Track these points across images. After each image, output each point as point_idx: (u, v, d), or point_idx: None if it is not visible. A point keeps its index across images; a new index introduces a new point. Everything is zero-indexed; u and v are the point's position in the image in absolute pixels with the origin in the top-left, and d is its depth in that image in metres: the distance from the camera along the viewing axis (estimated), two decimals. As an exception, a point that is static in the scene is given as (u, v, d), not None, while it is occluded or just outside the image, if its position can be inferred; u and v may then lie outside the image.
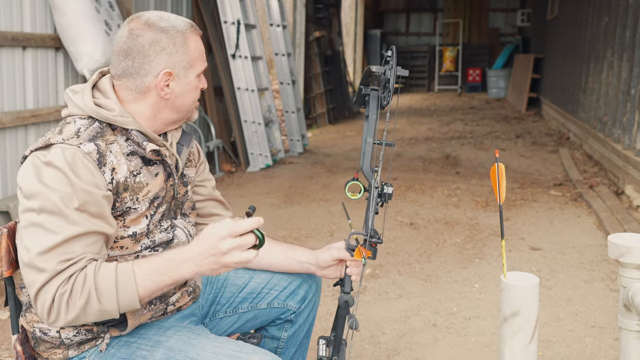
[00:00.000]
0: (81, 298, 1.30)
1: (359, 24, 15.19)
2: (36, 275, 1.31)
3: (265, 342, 1.79)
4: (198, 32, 1.52)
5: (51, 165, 1.33)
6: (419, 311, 3.02)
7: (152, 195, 1.47)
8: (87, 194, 1.33)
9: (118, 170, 1.40)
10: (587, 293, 3.20)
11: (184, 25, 1.49)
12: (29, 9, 3.98)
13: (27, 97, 3.99)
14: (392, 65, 1.47)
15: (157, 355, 1.41)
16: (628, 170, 5.06)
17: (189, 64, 1.48)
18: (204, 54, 1.54)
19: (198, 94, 1.55)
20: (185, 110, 1.54)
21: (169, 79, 1.46)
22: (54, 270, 1.30)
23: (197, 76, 1.52)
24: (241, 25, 6.50)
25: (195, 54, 1.49)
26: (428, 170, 6.50)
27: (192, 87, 1.51)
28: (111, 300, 1.31)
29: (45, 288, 1.30)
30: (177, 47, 1.46)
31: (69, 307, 1.30)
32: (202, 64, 1.52)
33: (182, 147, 1.59)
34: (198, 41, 1.51)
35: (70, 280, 1.31)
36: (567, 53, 8.90)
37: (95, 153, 1.37)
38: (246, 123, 6.69)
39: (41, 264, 1.30)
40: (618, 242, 1.48)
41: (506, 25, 17.28)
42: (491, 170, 1.49)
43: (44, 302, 1.31)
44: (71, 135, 1.37)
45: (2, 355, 2.62)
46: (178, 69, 1.47)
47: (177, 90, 1.49)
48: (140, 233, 1.46)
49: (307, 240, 4.16)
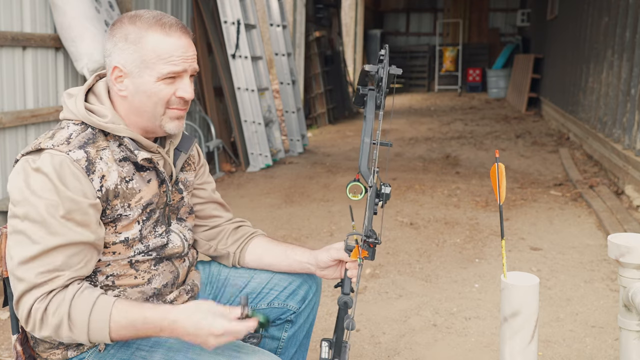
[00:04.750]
0: (53, 320, 1.31)
1: (359, 24, 15.19)
2: (16, 283, 1.33)
3: (265, 342, 1.79)
4: (170, 31, 1.41)
5: (39, 172, 1.33)
6: (419, 311, 3.02)
7: (145, 201, 1.47)
8: (73, 202, 1.33)
9: (108, 178, 1.39)
10: (587, 293, 3.20)
11: (149, 21, 1.40)
12: (29, 9, 3.98)
13: (27, 97, 3.99)
14: (385, 63, 1.46)
15: (157, 356, 1.40)
16: (628, 170, 5.06)
17: (143, 63, 1.40)
18: (176, 58, 1.41)
19: (161, 100, 1.42)
20: (149, 116, 1.43)
21: (121, 75, 1.42)
22: (32, 282, 1.31)
23: (160, 80, 1.40)
24: (241, 25, 6.50)
25: (150, 53, 1.39)
26: (428, 170, 6.49)
27: (148, 89, 1.41)
28: (82, 332, 1.32)
29: (24, 298, 1.32)
30: (128, 44, 1.40)
31: (42, 324, 1.32)
32: (164, 67, 1.40)
33: (179, 153, 1.57)
34: (163, 41, 1.39)
35: (48, 297, 1.32)
36: (567, 53, 8.90)
37: (84, 160, 1.36)
38: (246, 123, 6.69)
39: (20, 273, 1.31)
40: (618, 242, 1.48)
41: (506, 25, 17.28)
42: (491, 170, 1.49)
43: (22, 311, 1.33)
44: (62, 142, 1.37)
45: (2, 355, 2.62)
46: (130, 66, 1.41)
47: (132, 89, 1.42)
48: (133, 239, 1.46)
49: (307, 240, 4.16)
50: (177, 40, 1.41)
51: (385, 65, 1.45)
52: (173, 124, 1.46)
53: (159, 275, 1.52)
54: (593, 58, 7.08)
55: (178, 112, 1.46)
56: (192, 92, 1.45)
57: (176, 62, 1.41)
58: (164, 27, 1.41)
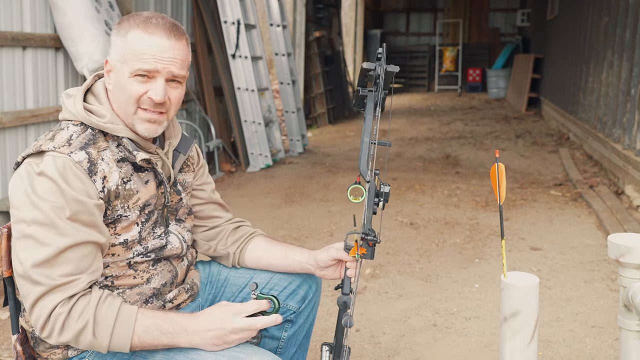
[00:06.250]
0: (77, 325, 1.30)
1: (359, 24, 15.19)
2: (31, 287, 1.30)
3: (265, 342, 1.79)
4: (155, 30, 1.40)
5: (43, 175, 1.32)
6: (419, 311, 3.02)
7: (142, 202, 1.46)
8: (79, 203, 1.32)
9: (109, 179, 1.39)
10: (587, 293, 3.20)
11: (140, 20, 1.42)
12: (29, 9, 3.98)
13: (27, 97, 3.99)
14: (383, 61, 1.47)
15: (157, 356, 1.40)
16: (628, 170, 5.06)
17: (123, 58, 1.41)
18: (149, 56, 1.39)
19: (131, 96, 1.41)
20: (123, 113, 1.43)
21: (110, 69, 1.45)
22: (51, 284, 1.29)
23: (133, 75, 1.40)
24: (241, 25, 6.50)
25: (129, 49, 1.39)
26: (428, 170, 6.49)
27: (123, 83, 1.41)
28: (104, 338, 1.32)
29: (42, 302, 1.30)
30: (117, 38, 1.43)
31: (63, 330, 1.31)
32: (135, 62, 1.39)
33: (178, 154, 1.58)
34: (142, 38, 1.39)
35: (71, 301, 1.31)
36: (567, 53, 8.90)
37: (86, 162, 1.36)
38: (246, 123, 6.69)
39: (35, 276, 1.29)
40: (618, 242, 1.48)
41: (506, 25, 17.29)
42: (491, 170, 1.49)
43: (38, 316, 1.31)
44: (63, 143, 1.36)
45: (2, 355, 2.62)
46: (114, 60, 1.43)
47: (114, 82, 1.44)
48: (132, 240, 1.45)
49: (307, 240, 4.16)
50: (157, 40, 1.40)
51: (383, 63, 1.45)
52: (144, 126, 1.44)
53: (158, 274, 1.53)
54: (593, 58, 7.08)
55: (150, 114, 1.43)
56: (162, 96, 1.41)
57: (148, 60, 1.39)
58: (148, 26, 1.40)
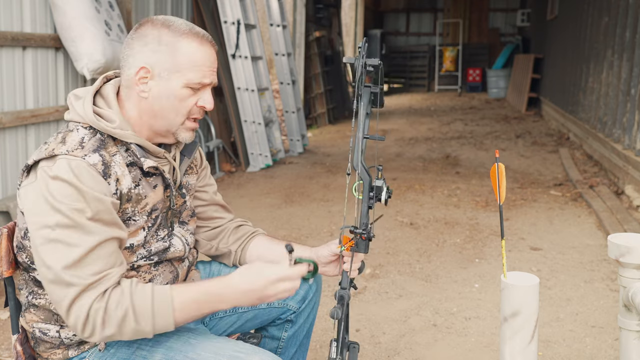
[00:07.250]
0: (117, 313, 1.30)
1: (359, 24, 15.20)
2: (65, 290, 1.29)
3: (265, 342, 1.79)
4: (203, 41, 1.43)
5: (58, 179, 1.30)
6: (419, 311, 3.02)
7: (150, 207, 1.47)
8: (99, 202, 1.32)
9: (122, 181, 1.39)
10: (587, 293, 3.20)
11: (183, 28, 1.42)
12: (29, 9, 3.98)
13: (27, 97, 3.99)
14: (363, 54, 1.47)
15: (157, 356, 1.40)
16: (628, 170, 5.06)
17: (175, 68, 1.41)
18: (206, 68, 1.43)
19: (184, 107, 1.44)
20: (167, 122, 1.44)
21: (146, 77, 1.42)
22: (84, 284, 1.29)
23: (187, 87, 1.42)
24: (241, 25, 6.50)
25: (184, 60, 1.41)
26: (428, 170, 6.49)
27: (173, 93, 1.42)
28: (147, 322, 1.32)
29: (78, 303, 1.29)
30: (162, 46, 1.41)
31: (105, 324, 1.30)
32: (194, 75, 1.42)
33: (183, 157, 1.58)
34: (198, 50, 1.42)
35: (105, 295, 1.30)
36: (567, 53, 8.90)
37: (100, 164, 1.35)
38: (246, 123, 6.69)
39: (68, 277, 1.28)
40: (618, 242, 1.48)
41: (506, 25, 17.28)
42: (491, 170, 1.49)
43: (77, 317, 1.29)
44: (75, 146, 1.35)
45: (2, 355, 2.62)
46: (159, 68, 1.41)
47: (155, 92, 1.42)
48: (137, 245, 1.45)
49: (307, 240, 4.16)
50: (209, 51, 1.45)
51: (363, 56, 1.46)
52: (188, 135, 1.49)
53: (159, 275, 1.53)
54: (593, 58, 7.08)
55: (194, 123, 1.49)
56: (213, 104, 1.48)
57: (206, 73, 1.44)
58: (198, 36, 1.43)
